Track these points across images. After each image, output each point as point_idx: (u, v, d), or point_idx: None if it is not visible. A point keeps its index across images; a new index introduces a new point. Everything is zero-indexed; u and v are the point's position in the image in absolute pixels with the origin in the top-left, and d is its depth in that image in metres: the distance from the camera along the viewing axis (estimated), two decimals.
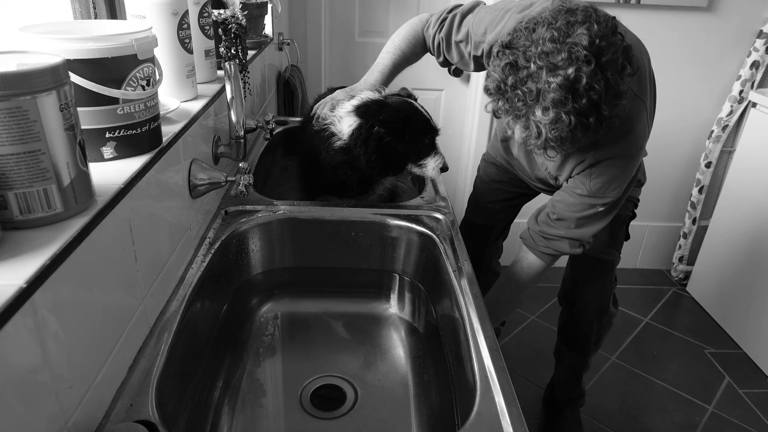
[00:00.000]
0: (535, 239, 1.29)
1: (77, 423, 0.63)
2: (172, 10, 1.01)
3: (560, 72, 0.87)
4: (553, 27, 0.90)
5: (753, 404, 2.04)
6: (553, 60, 0.88)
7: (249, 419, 1.00)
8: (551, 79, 0.88)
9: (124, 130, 0.78)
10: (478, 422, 0.75)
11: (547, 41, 0.89)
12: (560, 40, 0.88)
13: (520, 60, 0.92)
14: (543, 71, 0.88)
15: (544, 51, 0.89)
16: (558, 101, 0.88)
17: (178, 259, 0.98)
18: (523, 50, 0.92)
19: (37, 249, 0.57)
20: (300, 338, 1.21)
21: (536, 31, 0.92)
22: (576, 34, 0.88)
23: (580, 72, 0.87)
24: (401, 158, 1.24)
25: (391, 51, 1.42)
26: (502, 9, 1.18)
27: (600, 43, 0.88)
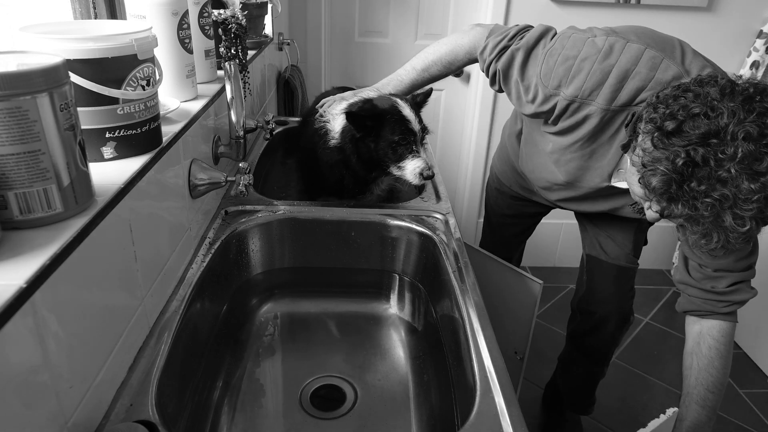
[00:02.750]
0: (712, 301, 1.10)
1: (77, 423, 0.63)
2: (172, 10, 1.01)
3: (761, 179, 0.77)
4: (746, 121, 0.78)
5: (753, 404, 2.04)
6: (757, 165, 0.77)
7: (249, 419, 1.00)
8: (753, 187, 0.76)
9: (124, 130, 0.78)
10: (478, 422, 0.75)
11: (742, 140, 0.77)
12: (760, 139, 0.77)
13: (700, 156, 0.79)
14: (742, 178, 0.77)
15: (744, 154, 0.76)
16: (759, 210, 0.78)
17: (178, 259, 0.98)
18: (706, 145, 0.79)
19: (37, 249, 0.57)
20: (300, 338, 1.21)
21: (717, 121, 0.79)
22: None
23: None
24: (379, 158, 1.21)
25: (417, 69, 1.35)
26: (576, 56, 1.06)
27: None
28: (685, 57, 1.03)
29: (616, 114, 1.06)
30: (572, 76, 1.06)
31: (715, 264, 1.07)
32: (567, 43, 1.09)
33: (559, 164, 1.23)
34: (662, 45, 1.03)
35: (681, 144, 0.80)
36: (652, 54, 1.01)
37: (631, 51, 1.02)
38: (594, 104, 1.05)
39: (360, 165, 1.24)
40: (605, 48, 1.04)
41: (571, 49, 1.07)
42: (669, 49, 1.03)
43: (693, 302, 1.12)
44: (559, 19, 2.32)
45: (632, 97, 1.02)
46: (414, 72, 1.36)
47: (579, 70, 1.05)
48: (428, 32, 2.41)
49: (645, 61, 1.01)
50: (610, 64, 1.02)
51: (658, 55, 1.01)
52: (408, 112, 1.19)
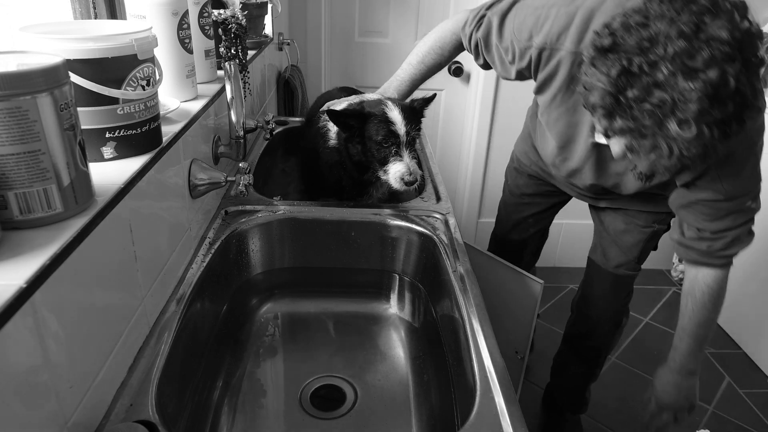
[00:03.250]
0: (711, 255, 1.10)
1: (77, 423, 0.63)
2: (172, 10, 1.01)
3: (701, 76, 0.71)
4: (679, 20, 0.74)
5: (753, 404, 2.04)
6: (690, 62, 0.72)
7: (249, 419, 1.00)
8: (690, 85, 0.72)
9: (124, 130, 0.78)
10: (478, 422, 0.75)
11: (676, 38, 0.73)
12: (694, 36, 0.72)
13: (635, 65, 0.76)
14: (678, 77, 0.72)
15: (676, 51, 0.72)
16: (701, 112, 0.72)
17: (178, 259, 0.98)
18: (639, 52, 0.76)
19: (37, 249, 0.57)
20: (300, 338, 1.21)
21: (651, 27, 0.75)
22: (712, 27, 0.72)
23: (726, 74, 0.71)
24: (367, 159, 1.21)
25: (413, 63, 1.35)
26: (544, 5, 1.04)
27: (740, 35, 0.73)
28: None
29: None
30: (541, 23, 1.03)
31: (713, 226, 1.05)
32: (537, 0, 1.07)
33: (549, 126, 1.20)
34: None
35: (616, 57, 0.78)
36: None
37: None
38: (563, 49, 1.01)
39: (353, 166, 1.24)
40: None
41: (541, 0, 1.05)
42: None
43: (689, 255, 1.13)
44: None
45: None
46: (410, 67, 1.36)
47: (547, 16, 1.02)
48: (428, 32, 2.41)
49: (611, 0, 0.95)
50: (576, 5, 0.99)
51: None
52: (394, 114, 1.17)
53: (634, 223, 1.38)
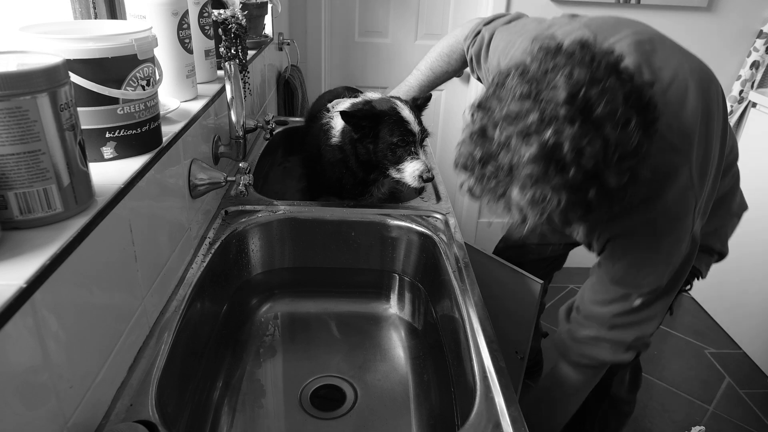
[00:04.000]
0: (566, 344, 1.02)
1: (77, 423, 0.63)
2: (172, 10, 1.01)
3: (533, 139, 0.66)
4: (526, 76, 0.70)
5: (753, 404, 2.04)
6: (524, 123, 0.67)
7: (249, 419, 1.00)
8: (524, 149, 0.67)
9: (124, 130, 0.78)
10: (478, 422, 0.75)
11: (516, 98, 0.69)
12: (532, 95, 0.68)
13: (488, 126, 0.72)
14: (513, 139, 0.68)
15: (509, 112, 0.69)
16: (536, 176, 0.67)
17: (178, 259, 0.98)
18: (491, 112, 0.72)
19: (37, 249, 0.57)
20: (300, 338, 1.21)
21: (506, 85, 0.72)
22: (552, 86, 0.67)
23: (559, 136, 0.65)
24: (378, 160, 1.21)
25: (422, 70, 1.32)
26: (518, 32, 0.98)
27: (588, 93, 0.66)
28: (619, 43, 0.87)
29: None
30: (507, 51, 0.99)
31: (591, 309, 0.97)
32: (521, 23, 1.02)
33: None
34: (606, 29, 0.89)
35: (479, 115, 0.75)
36: (582, 34, 0.86)
37: (565, 30, 0.90)
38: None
39: (358, 166, 1.24)
40: (544, 26, 0.95)
41: (520, 27, 1.01)
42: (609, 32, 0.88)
43: (559, 339, 1.05)
44: None
45: None
46: (419, 73, 1.34)
47: (512, 46, 0.98)
48: (428, 32, 2.41)
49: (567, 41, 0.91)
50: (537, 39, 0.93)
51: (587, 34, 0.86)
52: (407, 114, 1.18)
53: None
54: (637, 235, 0.86)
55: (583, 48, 0.71)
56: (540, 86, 0.68)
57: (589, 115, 0.66)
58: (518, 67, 0.72)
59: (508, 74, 0.73)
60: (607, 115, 0.66)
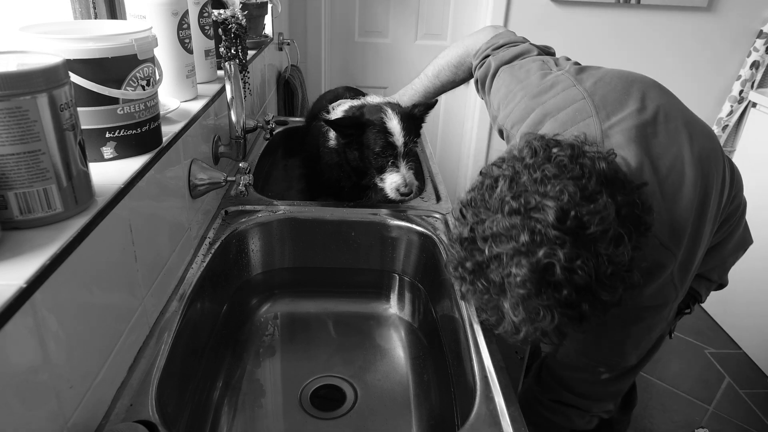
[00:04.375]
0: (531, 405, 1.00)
1: (77, 423, 0.63)
2: (172, 10, 1.01)
3: (524, 260, 0.64)
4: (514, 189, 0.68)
5: (753, 404, 2.04)
6: (514, 243, 0.65)
7: (249, 419, 1.00)
8: (515, 270, 0.65)
9: (124, 130, 0.78)
10: (478, 422, 0.75)
11: (506, 214, 0.66)
12: (522, 213, 0.66)
13: (477, 237, 0.69)
14: (504, 257, 0.66)
15: (499, 231, 0.66)
16: (528, 296, 0.65)
17: (178, 259, 0.98)
18: (480, 222, 0.70)
19: (37, 249, 0.57)
20: (300, 338, 1.21)
21: (495, 193, 0.69)
22: (541, 206, 0.65)
23: (551, 258, 0.63)
24: (365, 166, 1.20)
25: (429, 76, 1.32)
26: (519, 83, 0.97)
27: (579, 212, 0.64)
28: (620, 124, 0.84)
29: None
30: (507, 102, 0.98)
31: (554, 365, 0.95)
32: (525, 68, 1.00)
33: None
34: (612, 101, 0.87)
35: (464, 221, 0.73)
36: (583, 107, 0.86)
37: (568, 95, 0.88)
38: (514, 139, 0.94)
39: (351, 170, 1.24)
40: (547, 84, 0.93)
41: (522, 74, 0.99)
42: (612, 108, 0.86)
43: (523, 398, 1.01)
44: (559, 19, 2.32)
45: None
46: (426, 79, 1.33)
47: (512, 98, 0.96)
48: (428, 32, 2.41)
49: (570, 111, 0.87)
50: (537, 103, 0.91)
51: (587, 110, 0.85)
52: (393, 124, 1.16)
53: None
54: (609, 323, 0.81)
55: (574, 158, 0.69)
56: (529, 203, 0.66)
57: (580, 235, 0.64)
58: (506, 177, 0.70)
59: (497, 179, 0.71)
60: (600, 234, 0.65)
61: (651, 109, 0.86)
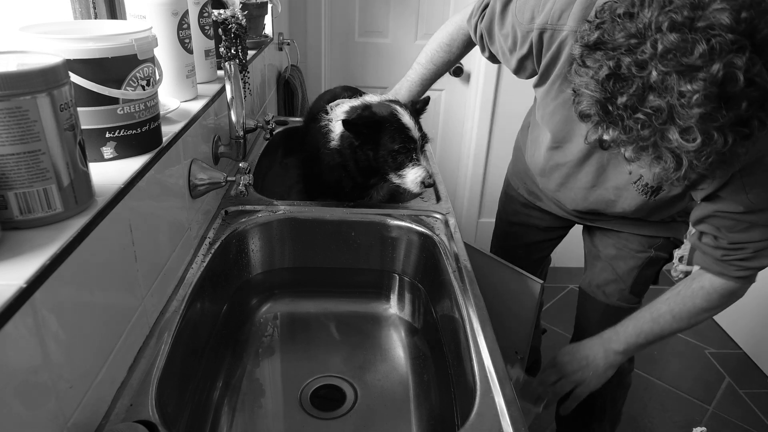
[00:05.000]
0: (718, 264, 0.98)
1: (77, 423, 0.63)
2: (172, 10, 1.01)
3: (700, 74, 0.60)
4: (669, 7, 0.62)
5: (753, 404, 2.04)
6: (686, 59, 0.60)
7: (249, 419, 1.00)
8: (689, 87, 0.60)
9: (124, 130, 0.78)
10: (478, 422, 0.75)
11: (667, 31, 0.61)
12: (689, 26, 0.60)
13: (624, 66, 0.65)
14: (671, 78, 0.61)
15: (666, 48, 0.61)
16: (705, 117, 0.61)
17: (178, 259, 0.98)
18: (628, 50, 0.65)
19: (37, 249, 0.57)
20: (300, 338, 1.21)
21: (639, 17, 0.64)
22: (710, 11, 0.60)
23: (732, 67, 0.59)
24: (378, 166, 1.20)
25: (422, 63, 1.30)
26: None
27: (749, 14, 0.60)
28: None
29: None
30: (543, 2, 0.93)
31: (732, 237, 0.93)
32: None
33: (545, 121, 1.10)
34: None
35: (603, 56, 0.67)
36: None
37: None
38: (565, 29, 0.91)
39: (358, 172, 1.23)
40: None
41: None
42: None
43: (704, 261, 1.01)
44: None
45: None
46: (420, 67, 1.32)
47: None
48: (428, 32, 2.41)
49: None
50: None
51: None
52: (408, 120, 1.17)
53: (627, 248, 1.26)
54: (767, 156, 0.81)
55: None
56: (694, 10, 0.60)
57: (754, 39, 0.60)
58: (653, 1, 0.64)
59: (633, 5, 0.65)
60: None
61: None
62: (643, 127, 0.65)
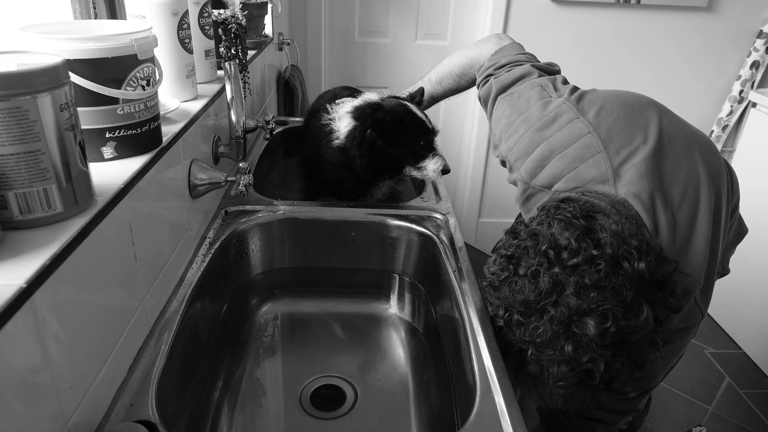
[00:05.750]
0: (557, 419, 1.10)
1: (77, 423, 0.63)
2: (172, 10, 1.01)
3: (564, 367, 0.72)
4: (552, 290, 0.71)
5: (753, 404, 2.04)
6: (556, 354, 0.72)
7: (249, 419, 1.00)
8: (555, 371, 0.73)
9: (124, 130, 0.78)
10: (478, 422, 0.75)
11: (547, 322, 0.71)
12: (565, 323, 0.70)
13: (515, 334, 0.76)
14: (544, 361, 0.74)
15: (542, 340, 0.72)
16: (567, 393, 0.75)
17: (178, 259, 0.98)
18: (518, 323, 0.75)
19: (37, 249, 0.57)
20: (300, 338, 1.21)
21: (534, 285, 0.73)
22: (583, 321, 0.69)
23: (593, 365, 0.71)
24: (397, 161, 1.21)
25: (432, 81, 1.33)
26: (519, 114, 0.96)
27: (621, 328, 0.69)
28: (633, 156, 0.85)
29: (537, 192, 0.93)
30: (509, 134, 0.97)
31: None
32: (525, 95, 0.99)
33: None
34: (618, 132, 0.88)
35: (497, 298, 0.79)
36: (590, 142, 0.87)
37: (571, 130, 0.89)
38: (519, 172, 0.95)
39: (366, 169, 1.21)
40: (549, 117, 0.92)
41: (523, 103, 0.98)
42: (620, 140, 0.87)
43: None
44: (559, 19, 2.32)
45: (549, 182, 0.90)
46: (429, 84, 1.34)
47: (515, 130, 0.96)
48: (428, 32, 2.41)
49: (577, 147, 0.88)
50: (542, 137, 0.91)
51: (596, 145, 0.86)
52: (420, 114, 1.21)
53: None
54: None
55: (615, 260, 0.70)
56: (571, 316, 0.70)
57: (622, 343, 0.70)
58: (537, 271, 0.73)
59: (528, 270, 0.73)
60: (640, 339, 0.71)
61: (654, 135, 0.88)
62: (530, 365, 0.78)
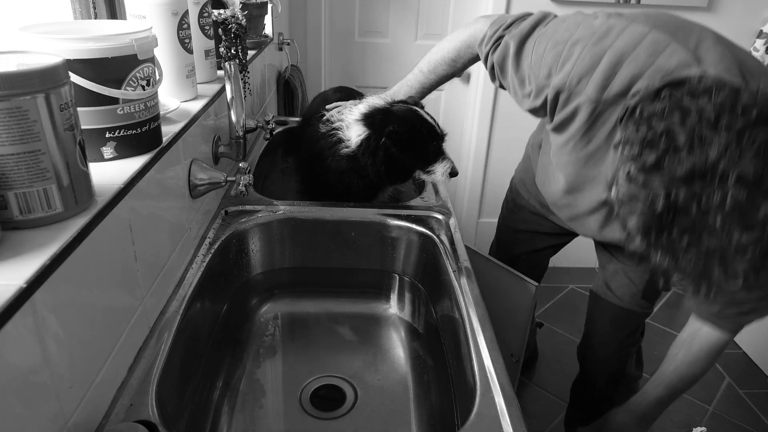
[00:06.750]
0: (714, 316, 1.03)
1: (77, 423, 0.63)
2: (172, 10, 1.01)
3: (756, 233, 0.62)
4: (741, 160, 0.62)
5: (753, 404, 2.04)
6: (749, 219, 0.62)
7: (249, 419, 1.00)
8: (744, 238, 0.62)
9: (124, 130, 0.78)
10: (478, 422, 0.75)
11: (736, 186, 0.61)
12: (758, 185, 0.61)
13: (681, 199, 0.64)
14: (733, 229, 0.63)
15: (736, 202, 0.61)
16: (755, 266, 0.64)
17: (178, 259, 0.98)
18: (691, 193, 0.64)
19: (37, 249, 0.57)
20: (300, 338, 1.21)
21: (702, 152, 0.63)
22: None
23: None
24: (409, 167, 1.22)
25: (424, 71, 1.30)
26: (567, 40, 0.92)
27: None
28: (701, 44, 0.84)
29: (609, 107, 0.89)
30: (562, 62, 0.92)
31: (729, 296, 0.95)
32: (560, 27, 0.96)
33: (560, 166, 1.10)
34: (675, 29, 0.86)
35: (660, 183, 0.66)
36: (657, 37, 0.84)
37: (632, 33, 0.86)
38: (583, 94, 0.90)
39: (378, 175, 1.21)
40: (602, 30, 0.89)
41: (564, 32, 0.94)
42: (682, 33, 0.85)
43: (699, 310, 1.06)
44: None
45: (626, 87, 0.86)
46: (421, 75, 1.32)
47: (569, 55, 0.91)
48: (428, 32, 2.41)
49: (646, 44, 0.85)
50: (603, 48, 0.87)
51: (663, 38, 0.84)
52: (430, 119, 1.21)
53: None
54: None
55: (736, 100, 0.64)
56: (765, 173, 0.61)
57: None
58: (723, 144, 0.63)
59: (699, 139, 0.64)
60: None
61: (706, 29, 0.87)
62: (691, 262, 0.66)
